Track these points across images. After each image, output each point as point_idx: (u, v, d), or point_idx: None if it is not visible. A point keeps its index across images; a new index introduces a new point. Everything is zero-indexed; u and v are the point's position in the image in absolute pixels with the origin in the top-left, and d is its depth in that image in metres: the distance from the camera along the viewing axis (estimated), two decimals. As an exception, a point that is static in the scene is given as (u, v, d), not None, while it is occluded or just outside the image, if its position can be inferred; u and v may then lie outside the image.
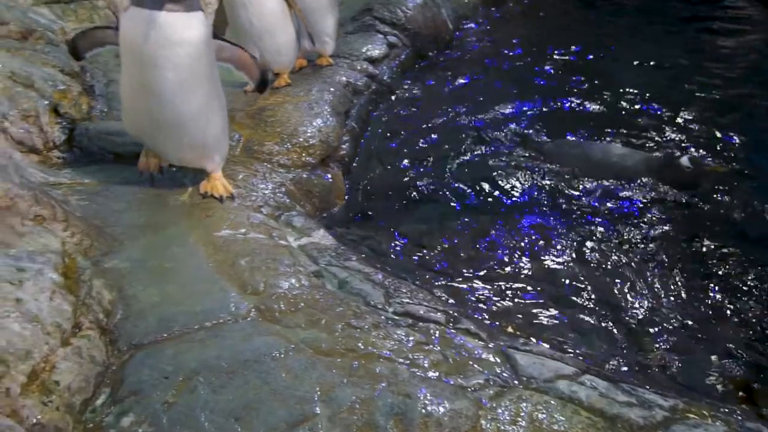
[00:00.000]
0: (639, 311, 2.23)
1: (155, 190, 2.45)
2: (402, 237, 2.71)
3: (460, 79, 4.14)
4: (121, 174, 2.54)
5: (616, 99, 3.83)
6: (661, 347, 2.07)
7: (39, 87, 2.75)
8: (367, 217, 2.88)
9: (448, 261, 2.53)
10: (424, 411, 1.52)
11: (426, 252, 2.61)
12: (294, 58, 3.55)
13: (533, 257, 2.52)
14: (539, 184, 3.02)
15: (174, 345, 1.69)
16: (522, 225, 2.69)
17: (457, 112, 3.72)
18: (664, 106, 3.73)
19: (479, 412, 1.54)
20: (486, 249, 2.55)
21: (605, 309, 2.23)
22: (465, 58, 4.59)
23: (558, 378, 1.69)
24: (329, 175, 2.99)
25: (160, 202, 2.37)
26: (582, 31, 4.99)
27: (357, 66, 3.93)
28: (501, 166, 3.13)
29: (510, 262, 2.47)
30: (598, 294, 2.29)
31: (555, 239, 2.59)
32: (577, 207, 2.84)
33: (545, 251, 2.54)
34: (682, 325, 2.17)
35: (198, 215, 2.31)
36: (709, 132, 3.47)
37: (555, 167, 3.13)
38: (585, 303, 2.26)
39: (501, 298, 2.29)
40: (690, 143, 3.38)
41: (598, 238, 2.61)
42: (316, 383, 1.59)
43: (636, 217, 2.76)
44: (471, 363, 1.74)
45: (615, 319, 2.18)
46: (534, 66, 4.33)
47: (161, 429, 1.44)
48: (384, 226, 2.80)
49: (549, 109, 3.71)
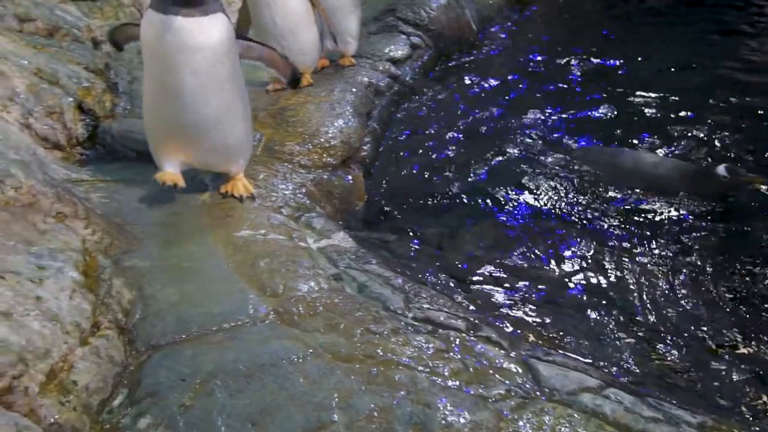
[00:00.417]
0: (665, 325, 2.16)
1: (176, 188, 2.45)
2: (422, 240, 2.67)
3: (483, 81, 4.09)
4: (143, 172, 2.53)
5: (644, 104, 3.73)
6: (688, 362, 2.00)
7: (64, 84, 2.77)
8: (387, 220, 2.85)
9: (468, 266, 2.48)
10: (443, 422, 1.49)
11: (446, 256, 2.57)
12: (316, 58, 3.54)
13: (556, 265, 2.46)
14: (565, 190, 2.95)
15: (192, 346, 1.67)
16: (545, 232, 2.63)
17: (480, 114, 3.67)
18: (695, 112, 3.61)
19: (500, 424, 1.51)
20: (507, 255, 2.50)
21: (630, 321, 2.17)
22: (489, 59, 4.53)
23: (582, 390, 1.65)
24: (350, 177, 2.97)
25: (180, 200, 2.37)
26: (608, 35, 4.91)
27: (379, 66, 3.90)
28: (525, 170, 3.07)
29: (532, 269, 2.42)
30: (622, 305, 2.23)
31: (579, 247, 2.53)
32: (605, 215, 2.77)
33: (569, 259, 2.48)
34: (710, 341, 2.11)
35: (218, 215, 2.31)
36: (746, 141, 3.33)
37: (583, 174, 3.06)
38: (609, 314, 2.20)
39: (522, 305, 2.25)
40: (725, 152, 3.24)
41: (625, 248, 2.53)
42: (334, 389, 1.56)
43: (666, 228, 2.67)
44: (492, 372, 1.70)
45: (640, 331, 2.12)
46: (559, 69, 4.27)
47: (178, 432, 1.43)
48: (404, 228, 2.76)
49: (574, 114, 3.64)
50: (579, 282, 2.35)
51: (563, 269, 2.44)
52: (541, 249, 2.53)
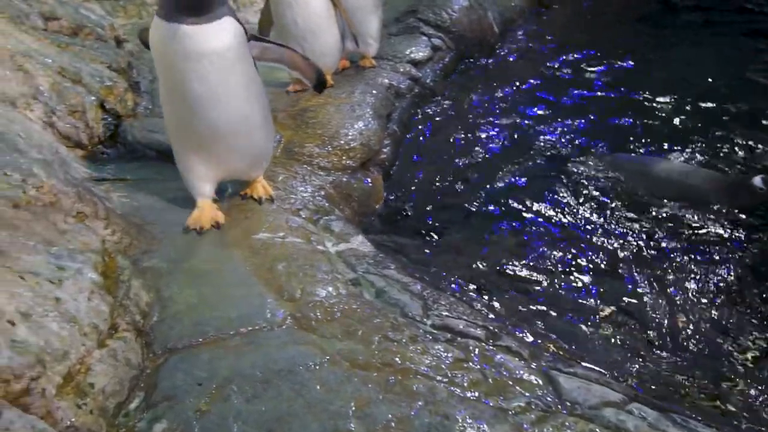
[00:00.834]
0: (692, 340, 2.10)
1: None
2: (440, 245, 2.65)
3: (504, 84, 4.04)
4: (163, 171, 2.54)
5: (669, 110, 3.64)
6: (715, 378, 1.95)
7: (87, 83, 2.79)
8: (406, 224, 2.82)
9: (487, 273, 2.45)
10: (462, 434, 1.46)
11: (464, 262, 2.54)
12: (338, 59, 3.52)
13: (578, 274, 2.41)
14: (591, 197, 2.89)
15: (209, 350, 1.66)
16: (568, 240, 2.57)
17: (502, 118, 3.62)
18: (724, 120, 3.50)
19: (520, 438, 1.47)
20: (528, 263, 2.46)
21: (655, 334, 2.12)
22: (510, 62, 4.48)
23: (604, 405, 1.61)
24: (369, 180, 2.95)
25: (199, 201, 2.36)
26: (635, 39, 4.82)
27: (400, 68, 3.88)
28: (548, 176, 3.02)
29: (552, 277, 2.38)
30: (647, 318, 2.18)
31: (603, 257, 2.47)
32: (632, 225, 2.69)
33: (591, 268, 2.42)
34: (738, 358, 2.05)
35: (237, 216, 2.30)
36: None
37: (611, 181, 2.97)
38: (633, 326, 2.15)
39: (542, 314, 2.21)
40: (758, 162, 3.12)
41: (651, 259, 2.46)
42: (351, 398, 1.54)
43: (697, 240, 2.60)
44: (512, 384, 1.67)
45: (665, 345, 2.07)
46: (581, 72, 4.20)
47: (193, 438, 1.42)
48: (422, 233, 2.74)
49: (597, 119, 3.57)
50: (601, 292, 2.30)
51: (585, 279, 2.38)
52: (563, 257, 2.48)
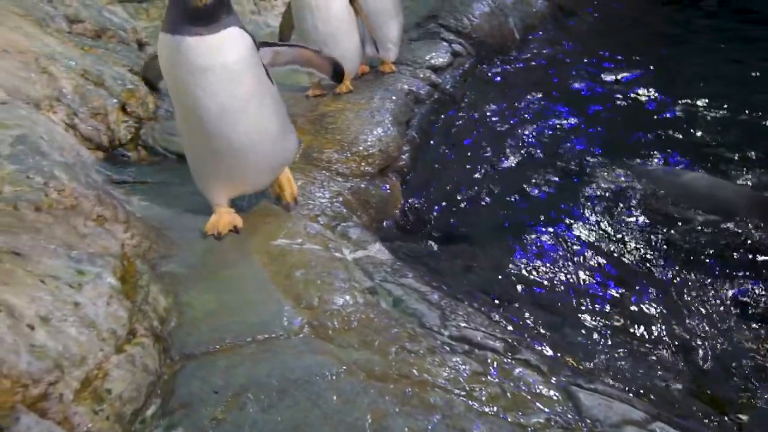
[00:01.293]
0: (718, 360, 2.04)
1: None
2: (458, 254, 2.61)
3: (525, 91, 4.00)
4: (182, 175, 2.54)
5: (698, 122, 3.55)
6: (740, 400, 1.90)
7: (109, 86, 2.81)
8: (423, 231, 2.80)
9: (505, 283, 2.42)
10: (480, 450, 1.44)
11: (482, 272, 2.51)
12: (357, 64, 3.52)
13: (601, 287, 2.37)
14: (617, 209, 2.82)
15: (225, 358, 1.66)
16: (590, 251, 2.53)
17: (522, 125, 3.59)
18: (755, 134, 3.40)
19: (539, 455, 1.44)
20: (548, 274, 2.42)
21: (679, 352, 2.06)
22: (531, 68, 4.45)
23: (626, 423, 1.58)
24: (387, 186, 2.93)
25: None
26: (658, 46, 4.76)
27: (420, 74, 3.87)
28: (571, 185, 2.96)
29: (573, 289, 2.34)
30: (671, 334, 2.12)
31: (628, 270, 2.42)
32: (657, 237, 2.63)
33: (615, 282, 2.37)
34: (762, 377, 1.99)
35: (255, 221, 2.30)
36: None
37: (638, 193, 2.90)
38: (656, 343, 2.10)
39: (562, 328, 2.17)
40: None
41: (679, 275, 2.40)
42: (367, 410, 1.52)
43: (723, 256, 2.53)
44: (531, 399, 1.64)
45: (689, 364, 2.02)
46: (605, 80, 4.15)
47: (209, 446, 1.41)
48: (440, 241, 2.71)
49: (621, 127, 3.52)
50: (626, 307, 2.25)
51: (608, 292, 2.34)
52: (584, 269, 2.44)
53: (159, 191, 2.46)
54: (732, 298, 2.30)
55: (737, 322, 2.19)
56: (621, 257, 2.50)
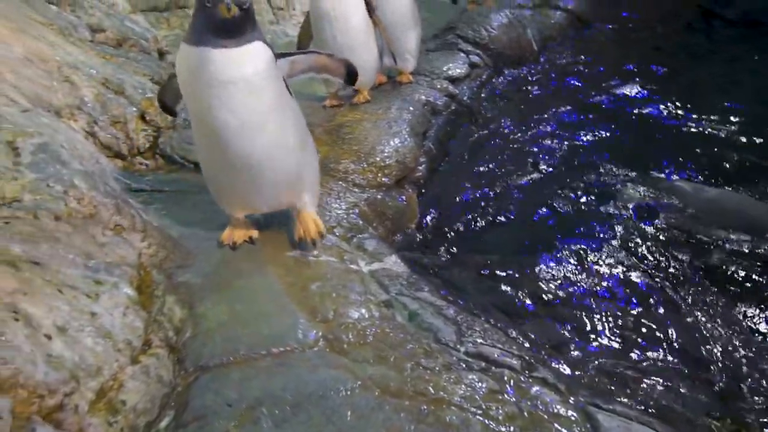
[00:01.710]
0: (742, 383, 1.99)
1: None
2: (474, 267, 2.58)
3: (544, 103, 3.98)
4: (200, 184, 2.55)
5: (720, 136, 3.49)
6: (758, 424, 1.85)
7: (129, 94, 2.83)
8: (439, 244, 2.78)
9: (522, 298, 2.38)
10: (496, 471, 1.41)
11: (499, 286, 2.47)
12: (375, 75, 3.53)
13: (620, 305, 2.32)
14: (638, 224, 2.76)
15: (240, 370, 1.65)
16: (610, 268, 2.48)
17: (541, 137, 3.56)
18: None
19: (557, 478, 1.41)
20: (566, 289, 2.39)
21: (700, 374, 2.02)
22: (550, 80, 4.42)
23: (645, 447, 1.54)
24: (404, 197, 2.92)
25: (235, 216, 2.36)
26: (677, 58, 4.71)
27: (437, 85, 3.86)
28: (591, 199, 2.91)
29: (593, 307, 2.30)
30: (694, 356, 2.07)
31: (648, 289, 2.37)
32: (683, 255, 2.56)
33: (634, 300, 2.33)
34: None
35: (271, 232, 2.29)
36: None
37: (664, 208, 2.82)
38: (678, 364, 2.05)
39: (580, 345, 2.14)
40: None
41: (700, 293, 2.35)
42: (382, 427, 1.51)
43: (751, 278, 2.45)
44: (548, 419, 1.61)
45: (712, 387, 1.97)
46: (624, 93, 4.12)
47: (222, 461, 1.40)
48: (456, 254, 2.69)
49: (642, 141, 3.47)
50: (646, 327, 2.21)
51: (628, 311, 2.28)
52: (606, 288, 2.39)
53: (176, 200, 2.46)
54: (758, 320, 2.24)
55: (762, 346, 2.14)
56: (643, 275, 2.44)
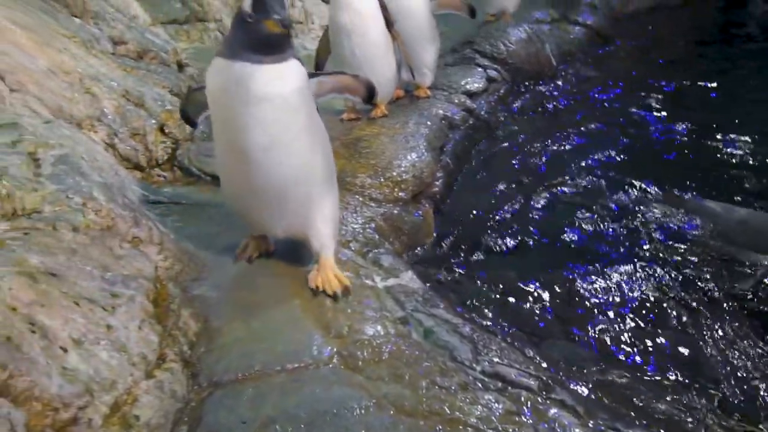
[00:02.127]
0: (764, 410, 1.94)
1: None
2: (491, 285, 2.55)
3: (562, 119, 3.96)
4: (216, 196, 2.56)
5: (746, 155, 3.41)
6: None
7: (149, 107, 2.86)
8: (456, 260, 2.75)
9: (540, 317, 2.35)
10: (513, 497, 1.38)
11: (516, 304, 2.45)
12: (393, 89, 3.54)
13: (640, 326, 2.26)
14: (661, 242, 2.70)
15: (254, 386, 1.63)
16: (632, 289, 2.43)
17: (560, 153, 3.53)
18: None
19: (575, 505, 1.38)
20: (586, 308, 2.35)
21: (723, 400, 1.97)
22: (569, 96, 4.40)
23: (667, 474, 1.50)
24: (420, 212, 2.90)
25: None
26: (697, 75, 4.66)
27: (455, 99, 3.86)
28: (612, 217, 2.86)
29: (613, 328, 2.25)
30: (717, 382, 2.02)
31: (673, 310, 2.30)
32: (708, 277, 2.48)
33: (655, 322, 2.28)
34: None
35: (287, 246, 2.28)
36: None
37: (688, 228, 2.76)
38: (699, 388, 2.00)
39: (599, 366, 2.09)
40: None
41: (727, 316, 2.27)
42: (396, 447, 1.48)
43: None
44: (566, 443, 1.57)
45: (732, 413, 1.92)
46: (643, 110, 4.08)
47: (234, 479, 1.38)
48: (473, 271, 2.66)
49: (661, 158, 3.43)
50: (669, 350, 2.15)
51: (650, 333, 2.23)
52: (627, 309, 2.33)
53: (193, 212, 2.47)
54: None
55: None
56: (666, 297, 2.38)
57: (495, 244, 2.83)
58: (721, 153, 3.50)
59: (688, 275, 2.52)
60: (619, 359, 2.14)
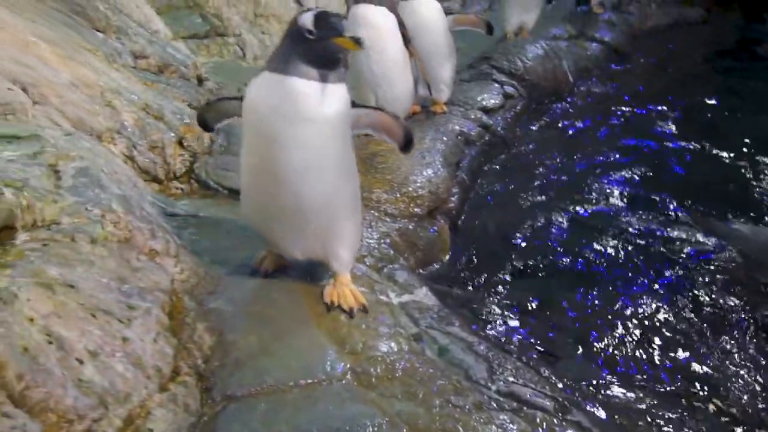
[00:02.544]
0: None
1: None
2: (506, 303, 2.54)
3: (579, 136, 3.94)
4: (233, 210, 2.57)
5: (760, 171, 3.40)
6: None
7: (168, 120, 2.89)
8: (471, 277, 2.74)
9: (556, 336, 2.33)
10: None
11: (531, 323, 2.42)
12: (410, 106, 3.54)
13: (664, 348, 2.21)
14: (684, 266, 2.64)
15: (267, 401, 1.62)
16: (653, 310, 2.38)
17: (577, 171, 3.51)
18: None
19: None
20: (601, 328, 2.32)
21: (743, 423, 1.92)
22: (586, 113, 4.38)
23: (686, 501, 1.46)
24: (435, 228, 2.90)
25: (267, 243, 2.36)
26: (715, 92, 4.63)
27: (471, 115, 3.86)
28: (629, 236, 2.84)
29: (631, 349, 2.22)
30: (737, 405, 1.98)
31: (697, 334, 2.26)
32: (736, 302, 2.43)
33: (674, 344, 2.24)
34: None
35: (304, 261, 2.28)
36: None
37: (716, 251, 2.70)
38: (718, 412, 1.96)
39: (616, 387, 2.06)
40: None
41: (756, 343, 2.21)
42: (409, 467, 1.46)
43: None
44: (583, 466, 1.55)
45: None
46: (663, 127, 4.06)
47: (246, 496, 1.37)
48: (488, 288, 2.64)
49: (681, 177, 3.40)
50: (692, 374, 2.10)
51: (674, 356, 2.17)
52: (650, 331, 2.29)
53: (210, 225, 2.48)
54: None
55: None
56: (690, 320, 2.32)
57: (511, 261, 2.81)
58: (744, 172, 3.45)
59: (710, 297, 2.47)
60: (638, 381, 2.11)
